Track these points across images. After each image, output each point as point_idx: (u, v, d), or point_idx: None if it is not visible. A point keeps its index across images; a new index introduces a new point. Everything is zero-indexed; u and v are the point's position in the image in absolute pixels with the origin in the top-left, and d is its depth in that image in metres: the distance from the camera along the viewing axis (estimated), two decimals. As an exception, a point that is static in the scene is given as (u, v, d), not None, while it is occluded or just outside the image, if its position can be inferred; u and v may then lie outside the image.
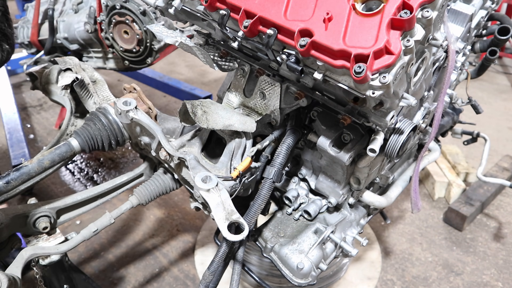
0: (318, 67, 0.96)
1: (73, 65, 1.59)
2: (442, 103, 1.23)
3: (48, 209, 1.38)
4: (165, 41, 1.19)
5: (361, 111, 1.11)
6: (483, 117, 3.77)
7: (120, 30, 2.25)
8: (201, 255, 2.44)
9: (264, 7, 0.99)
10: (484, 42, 1.75)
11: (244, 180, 1.21)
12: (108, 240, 2.53)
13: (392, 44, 0.87)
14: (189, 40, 1.22)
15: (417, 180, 1.47)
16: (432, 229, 2.70)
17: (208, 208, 1.10)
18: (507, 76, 5.23)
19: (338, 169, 1.30)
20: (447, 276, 2.37)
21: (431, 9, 0.89)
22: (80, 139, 1.30)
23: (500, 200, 2.98)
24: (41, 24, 2.63)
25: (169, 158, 1.24)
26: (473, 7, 1.37)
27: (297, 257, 1.28)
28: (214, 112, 1.20)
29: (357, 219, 1.49)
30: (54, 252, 1.28)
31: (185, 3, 1.18)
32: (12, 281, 1.07)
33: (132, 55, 2.34)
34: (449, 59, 1.12)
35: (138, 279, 2.30)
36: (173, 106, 4.23)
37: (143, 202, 1.44)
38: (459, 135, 2.22)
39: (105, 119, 1.32)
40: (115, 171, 3.24)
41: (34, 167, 1.21)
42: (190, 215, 2.75)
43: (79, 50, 2.63)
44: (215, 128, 1.18)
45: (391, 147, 1.12)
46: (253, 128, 1.22)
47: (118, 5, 2.17)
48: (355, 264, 2.39)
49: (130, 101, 1.24)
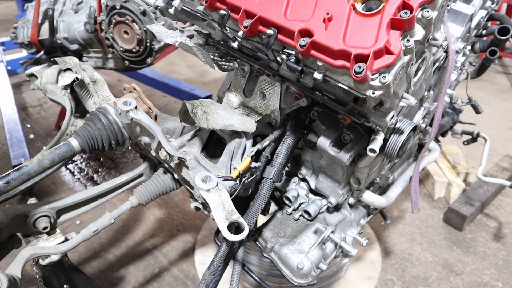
0: (318, 67, 0.96)
1: (73, 65, 1.59)
2: (442, 103, 1.23)
3: (48, 209, 1.38)
4: (165, 41, 1.19)
5: (361, 111, 1.11)
6: (483, 117, 3.77)
7: (120, 30, 2.25)
8: (201, 255, 2.44)
9: (264, 7, 0.99)
10: (484, 42, 1.75)
11: (244, 180, 1.21)
12: (108, 240, 2.53)
13: (392, 44, 0.87)
14: (189, 40, 1.23)
15: (417, 180, 1.47)
16: (432, 229, 2.70)
17: (208, 208, 1.10)
18: (507, 76, 5.23)
19: (338, 169, 1.30)
20: (447, 276, 2.37)
21: (431, 9, 0.89)
22: (80, 139, 1.30)
23: (500, 200, 2.98)
24: (41, 24, 2.63)
25: (169, 158, 1.24)
26: (473, 7, 1.37)
27: (297, 257, 1.28)
28: (214, 112, 1.20)
29: (357, 219, 1.49)
30: (54, 252, 1.28)
31: (185, 3, 1.18)
32: (12, 281, 1.07)
33: (132, 55, 2.34)
34: (449, 59, 1.12)
35: (138, 279, 2.30)
36: (173, 106, 4.23)
37: (143, 202, 1.44)
38: (459, 135, 2.22)
39: (105, 119, 1.32)
40: (115, 171, 3.24)
41: (34, 167, 1.21)
42: (190, 215, 2.75)
43: (79, 50, 2.63)
44: (215, 128, 1.18)
45: (391, 147, 1.12)
46: (253, 128, 1.22)
47: (118, 5, 2.17)
48: (355, 264, 2.39)
49: (130, 101, 1.25)
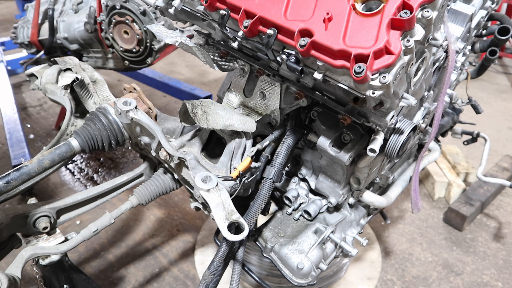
0: (318, 67, 0.96)
1: (73, 65, 1.59)
2: (442, 103, 1.23)
3: (48, 209, 1.38)
4: (165, 41, 1.19)
5: (361, 111, 1.11)
6: (483, 117, 3.77)
7: (120, 30, 2.25)
8: (201, 255, 2.44)
9: (264, 7, 0.99)
10: (484, 42, 1.75)
11: (244, 180, 1.21)
12: (108, 240, 2.53)
13: (392, 44, 0.87)
14: (189, 40, 1.23)
15: (417, 180, 1.47)
16: (432, 229, 2.70)
17: (208, 208, 1.10)
18: (507, 76, 5.23)
19: (338, 169, 1.30)
20: (447, 276, 2.37)
21: (431, 9, 0.89)
22: (80, 139, 1.30)
23: (500, 200, 2.98)
24: (41, 24, 2.63)
25: (169, 158, 1.24)
26: (473, 7, 1.37)
27: (297, 257, 1.28)
28: (214, 112, 1.19)
29: (357, 219, 1.49)
30: (54, 252, 1.28)
31: (185, 3, 1.18)
32: (12, 281, 1.07)
33: (132, 55, 2.34)
34: (449, 59, 1.12)
35: (138, 279, 2.30)
36: (173, 106, 4.23)
37: (143, 202, 1.44)
38: (459, 135, 2.22)
39: (105, 119, 1.32)
40: (115, 171, 3.24)
41: (34, 167, 1.21)
42: (190, 215, 2.75)
43: (79, 50, 2.63)
44: (215, 128, 1.18)
45: (391, 147, 1.12)
46: (253, 128, 1.22)
47: (118, 5, 2.17)
48: (355, 264, 2.39)
49: (130, 101, 1.25)
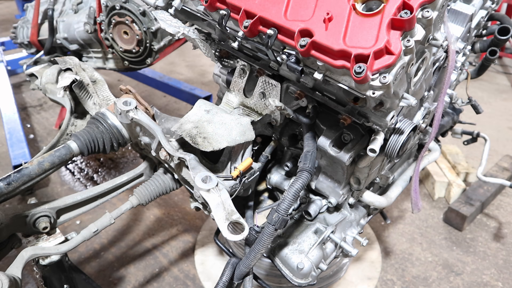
0: (318, 67, 0.96)
1: (73, 65, 1.59)
2: (442, 103, 1.23)
3: (48, 209, 1.38)
4: (166, 30, 1.18)
5: (361, 111, 1.11)
6: (483, 117, 3.77)
7: (119, 31, 2.25)
8: (201, 255, 2.44)
9: (264, 7, 0.99)
10: (484, 42, 1.75)
11: (244, 180, 1.21)
12: (108, 240, 2.53)
13: (392, 44, 0.87)
14: (192, 32, 1.21)
15: (417, 180, 1.47)
16: (432, 229, 2.70)
17: (208, 208, 1.10)
18: (507, 76, 5.23)
19: (338, 169, 1.30)
20: (447, 276, 2.37)
21: (431, 9, 0.89)
22: (79, 142, 1.30)
23: (500, 200, 2.98)
24: (41, 24, 2.63)
25: (169, 158, 1.24)
26: (473, 7, 1.37)
27: (297, 257, 1.28)
28: (214, 133, 1.20)
29: (357, 219, 1.49)
30: (54, 252, 1.28)
31: (185, 3, 1.18)
32: (13, 282, 1.07)
33: (131, 55, 2.34)
34: (449, 59, 1.12)
35: (138, 279, 2.30)
36: (173, 106, 4.23)
37: (143, 202, 1.44)
38: (459, 135, 2.22)
39: (104, 123, 1.32)
40: (115, 171, 3.24)
41: (34, 169, 1.22)
42: (190, 215, 2.75)
43: (79, 50, 2.63)
44: (220, 148, 1.18)
45: (391, 147, 1.12)
46: (252, 136, 1.23)
47: (118, 6, 2.17)
48: (355, 264, 2.39)
49: (130, 101, 1.25)
